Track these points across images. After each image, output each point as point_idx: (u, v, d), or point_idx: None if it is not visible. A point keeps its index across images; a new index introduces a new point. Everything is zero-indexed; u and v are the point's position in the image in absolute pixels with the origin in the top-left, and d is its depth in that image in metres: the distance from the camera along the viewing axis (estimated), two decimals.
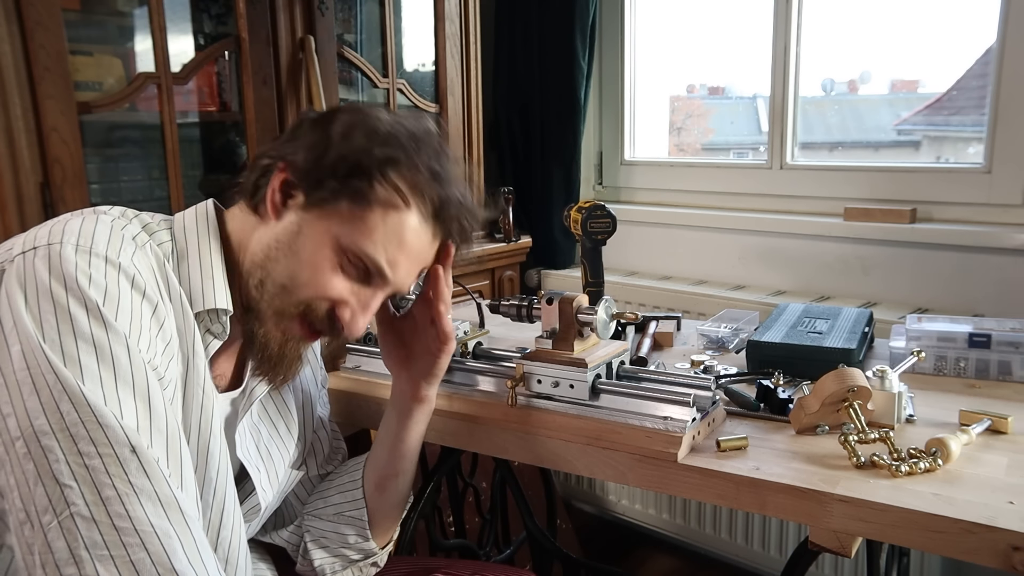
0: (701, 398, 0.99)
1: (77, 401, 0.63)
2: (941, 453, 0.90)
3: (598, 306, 1.02)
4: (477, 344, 1.24)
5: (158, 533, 0.63)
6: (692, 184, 2.23)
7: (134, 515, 0.63)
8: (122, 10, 1.57)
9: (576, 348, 1.04)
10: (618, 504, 2.27)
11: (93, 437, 0.63)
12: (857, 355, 1.17)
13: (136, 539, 0.62)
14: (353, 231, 0.80)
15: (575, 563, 1.68)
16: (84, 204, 1.38)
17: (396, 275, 0.83)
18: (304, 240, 0.81)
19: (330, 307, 0.82)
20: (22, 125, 1.30)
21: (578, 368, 1.02)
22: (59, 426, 0.62)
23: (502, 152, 2.36)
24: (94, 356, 0.65)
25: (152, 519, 0.63)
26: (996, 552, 0.77)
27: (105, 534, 0.61)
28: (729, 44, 2.28)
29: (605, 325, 1.04)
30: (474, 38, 2.04)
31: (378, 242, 0.80)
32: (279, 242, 0.81)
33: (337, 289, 0.81)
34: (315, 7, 1.68)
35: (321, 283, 0.81)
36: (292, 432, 0.98)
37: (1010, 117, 1.68)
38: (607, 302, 1.04)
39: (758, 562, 1.99)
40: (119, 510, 0.62)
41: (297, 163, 0.81)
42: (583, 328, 1.05)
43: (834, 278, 1.92)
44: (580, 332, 1.05)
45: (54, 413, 0.62)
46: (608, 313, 1.04)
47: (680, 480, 0.94)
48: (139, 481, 0.64)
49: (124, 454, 0.64)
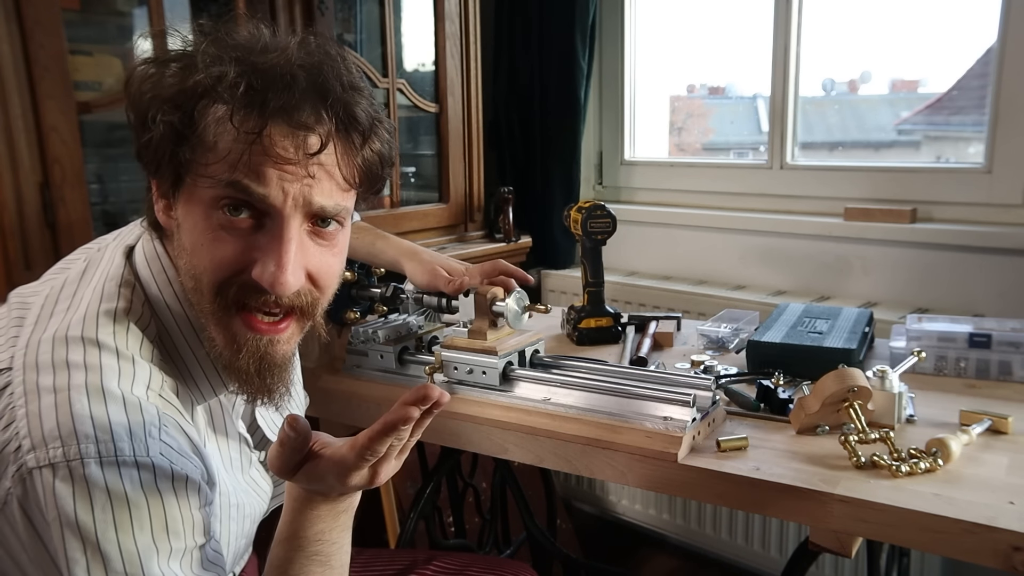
0: (701, 398, 0.99)
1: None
2: (941, 453, 0.90)
3: (508, 297, 1.11)
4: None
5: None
6: (692, 184, 2.23)
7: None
8: (122, 10, 1.57)
9: (489, 337, 1.12)
10: (618, 504, 2.27)
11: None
12: (857, 355, 1.17)
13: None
14: (198, 179, 0.69)
15: (575, 563, 1.68)
16: (84, 204, 1.38)
17: (271, 189, 0.68)
18: (185, 230, 0.72)
19: (245, 277, 0.71)
20: (22, 125, 1.30)
21: (489, 356, 1.10)
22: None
23: (502, 152, 2.36)
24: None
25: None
26: (996, 552, 0.77)
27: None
28: (729, 44, 2.28)
29: (516, 316, 1.12)
30: (474, 38, 2.04)
31: (222, 165, 0.68)
32: (176, 248, 0.75)
33: (226, 251, 0.70)
34: (315, 7, 1.67)
35: (209, 256, 0.70)
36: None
37: (1010, 117, 1.68)
38: (519, 294, 1.12)
39: (758, 562, 1.99)
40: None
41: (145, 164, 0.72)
42: (496, 319, 1.12)
43: (834, 278, 1.92)
44: (494, 322, 1.13)
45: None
46: (520, 305, 1.12)
47: (680, 480, 0.94)
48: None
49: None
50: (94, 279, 0.76)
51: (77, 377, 0.66)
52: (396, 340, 1.20)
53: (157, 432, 0.67)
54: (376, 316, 1.24)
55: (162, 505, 0.66)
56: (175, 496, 0.67)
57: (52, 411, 0.65)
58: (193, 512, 0.69)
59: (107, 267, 0.78)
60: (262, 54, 0.69)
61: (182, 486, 0.68)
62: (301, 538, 0.73)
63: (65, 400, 0.65)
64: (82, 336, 0.69)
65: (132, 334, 0.72)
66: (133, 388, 0.68)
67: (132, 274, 0.76)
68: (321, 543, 0.74)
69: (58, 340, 0.69)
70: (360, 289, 1.23)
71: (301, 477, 0.70)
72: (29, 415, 0.65)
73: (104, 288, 0.75)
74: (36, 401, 0.65)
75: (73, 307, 0.73)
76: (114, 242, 0.82)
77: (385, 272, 1.23)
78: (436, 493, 1.52)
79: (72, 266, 0.81)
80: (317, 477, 0.69)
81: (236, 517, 0.85)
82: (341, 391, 1.22)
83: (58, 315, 0.73)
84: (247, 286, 0.71)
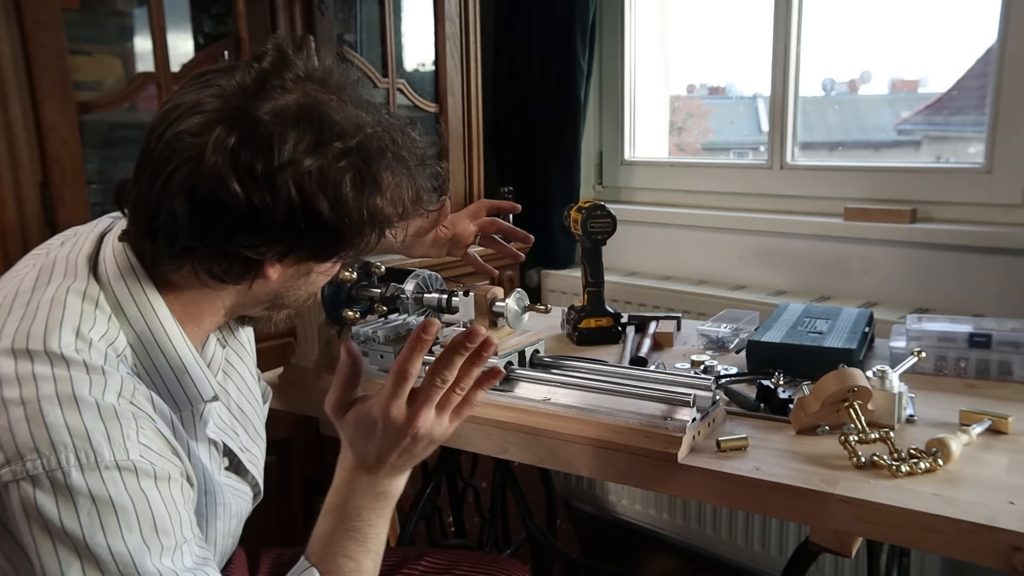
0: (701, 398, 0.99)
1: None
2: (941, 453, 0.90)
3: (508, 298, 1.10)
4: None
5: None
6: (692, 184, 2.23)
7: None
8: (122, 10, 1.57)
9: None
10: (618, 504, 2.27)
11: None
12: (857, 355, 1.17)
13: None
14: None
15: (575, 563, 1.68)
16: (83, 204, 1.38)
17: None
18: (312, 277, 0.80)
19: None
20: (22, 125, 1.30)
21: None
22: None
23: (502, 152, 2.36)
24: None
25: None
26: (996, 552, 0.77)
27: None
28: (729, 44, 2.28)
29: (516, 316, 1.12)
30: (474, 38, 2.04)
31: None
32: (281, 289, 0.79)
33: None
34: (315, 7, 1.67)
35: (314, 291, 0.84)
36: (249, 366, 0.97)
37: (1010, 117, 1.67)
38: (519, 294, 1.12)
39: (758, 562, 1.99)
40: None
41: (279, 253, 0.72)
42: (496, 319, 1.12)
43: (834, 278, 1.92)
44: (494, 322, 1.13)
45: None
46: (520, 305, 1.12)
47: (680, 480, 0.94)
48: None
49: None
50: (49, 289, 0.72)
51: (46, 388, 0.65)
52: (396, 340, 1.20)
53: (135, 434, 0.66)
54: (376, 316, 1.24)
55: (148, 505, 0.65)
56: (159, 495, 0.67)
57: (23, 423, 0.63)
58: (179, 509, 0.69)
59: (67, 277, 0.74)
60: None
61: (165, 484, 0.68)
62: (342, 511, 0.79)
63: (36, 411, 0.63)
64: (45, 350, 0.66)
65: (95, 348, 0.69)
66: (104, 395, 0.66)
67: (97, 284, 0.74)
68: (360, 520, 0.79)
69: (19, 352, 0.66)
70: (360, 289, 1.23)
71: (351, 416, 0.78)
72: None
73: (67, 300, 0.71)
74: (4, 415, 0.64)
75: (28, 317, 0.69)
76: (64, 249, 0.78)
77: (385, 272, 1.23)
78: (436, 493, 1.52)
79: (21, 274, 0.77)
80: (364, 413, 0.77)
81: (223, 516, 0.85)
82: None
83: (11, 325, 0.69)
84: None
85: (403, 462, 0.80)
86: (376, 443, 0.77)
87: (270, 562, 1.11)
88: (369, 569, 0.79)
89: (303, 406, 1.29)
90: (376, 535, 0.80)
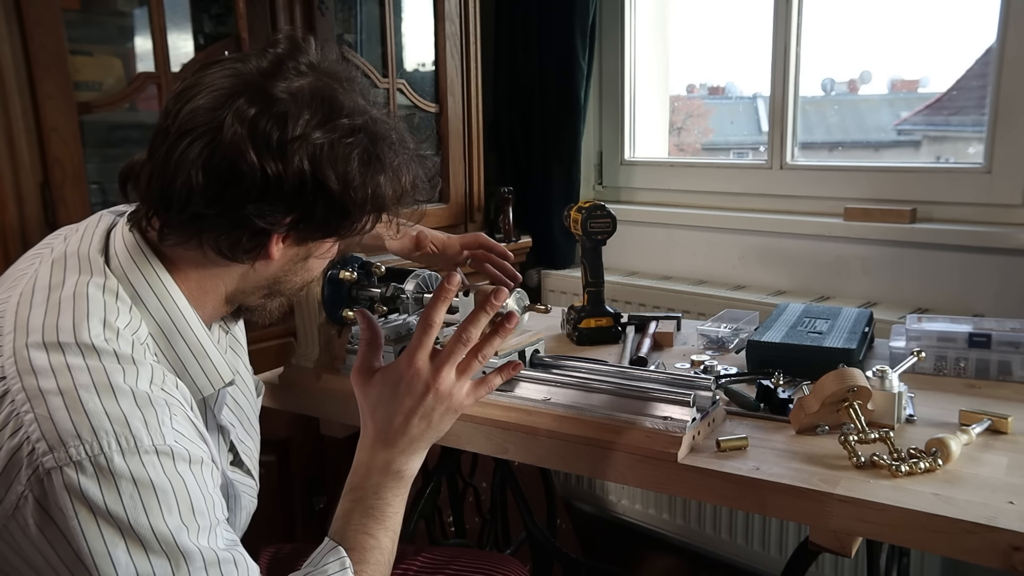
0: (701, 398, 1.00)
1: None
2: (941, 453, 0.90)
3: (509, 298, 1.08)
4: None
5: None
6: (692, 184, 2.23)
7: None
8: (122, 10, 1.57)
9: None
10: (618, 504, 2.27)
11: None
12: (857, 355, 1.17)
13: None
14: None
15: (575, 563, 1.68)
16: (84, 204, 1.38)
17: None
18: (309, 262, 0.82)
19: None
20: (22, 125, 1.30)
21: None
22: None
23: (502, 152, 2.36)
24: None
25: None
26: (996, 552, 0.77)
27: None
28: (729, 44, 2.28)
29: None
30: (474, 38, 2.04)
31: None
32: (280, 273, 0.81)
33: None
34: (315, 7, 1.68)
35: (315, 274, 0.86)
36: (244, 360, 1.00)
37: (1010, 117, 1.68)
38: (519, 294, 1.10)
39: (758, 562, 1.99)
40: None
41: (287, 224, 0.75)
42: (497, 318, 1.10)
43: (834, 278, 1.92)
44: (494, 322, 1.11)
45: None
46: (520, 305, 1.10)
47: (680, 480, 0.94)
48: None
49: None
50: (68, 284, 0.73)
51: (81, 377, 0.67)
52: (396, 340, 1.20)
53: (169, 420, 0.69)
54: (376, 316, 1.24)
55: (185, 487, 0.68)
56: (194, 478, 0.69)
57: (63, 411, 0.65)
58: (211, 491, 0.71)
59: (83, 272, 0.75)
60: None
61: (199, 468, 0.70)
62: (361, 489, 0.83)
63: (75, 399, 0.65)
64: (76, 341, 0.68)
65: (123, 338, 0.71)
66: (138, 383, 0.69)
67: (114, 277, 0.75)
68: (378, 498, 0.82)
69: (51, 345, 0.68)
70: (360, 289, 1.23)
71: (378, 376, 0.85)
72: (39, 419, 0.65)
73: (89, 293, 0.73)
74: (43, 404, 0.65)
75: (53, 312, 0.71)
76: (70, 245, 0.78)
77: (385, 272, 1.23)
78: (436, 493, 1.52)
79: (30, 271, 0.77)
80: (389, 370, 0.84)
81: (235, 509, 0.87)
82: (341, 391, 1.22)
83: (36, 319, 0.70)
84: None
85: (421, 431, 0.83)
86: (398, 402, 0.83)
87: (268, 557, 1.12)
88: (387, 546, 0.82)
89: (303, 406, 1.29)
90: (393, 514, 0.83)
